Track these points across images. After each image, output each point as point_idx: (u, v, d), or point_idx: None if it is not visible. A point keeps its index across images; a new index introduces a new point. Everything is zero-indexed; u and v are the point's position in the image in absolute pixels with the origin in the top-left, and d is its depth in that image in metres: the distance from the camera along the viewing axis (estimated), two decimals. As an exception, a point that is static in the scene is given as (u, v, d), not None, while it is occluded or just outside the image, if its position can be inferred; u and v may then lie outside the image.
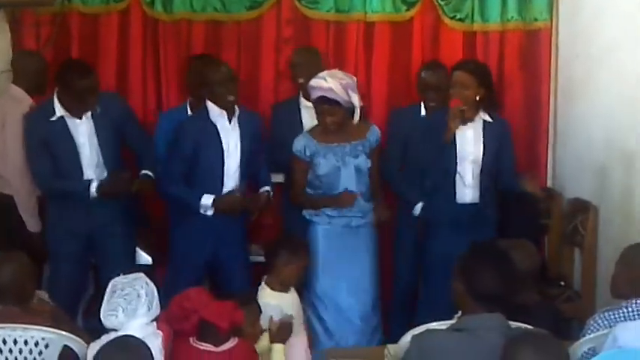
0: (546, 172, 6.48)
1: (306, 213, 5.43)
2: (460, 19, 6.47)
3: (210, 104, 5.38)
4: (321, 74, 5.28)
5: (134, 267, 5.21)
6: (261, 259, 5.42)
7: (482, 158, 5.30)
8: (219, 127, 5.38)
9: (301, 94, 5.88)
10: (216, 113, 5.37)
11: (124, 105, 5.66)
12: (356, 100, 5.28)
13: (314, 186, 5.41)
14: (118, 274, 3.92)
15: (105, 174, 5.33)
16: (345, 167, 5.33)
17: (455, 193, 5.31)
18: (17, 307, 3.97)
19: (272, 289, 4.87)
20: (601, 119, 5.70)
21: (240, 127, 5.41)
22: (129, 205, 5.55)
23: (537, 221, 5.76)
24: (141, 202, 5.89)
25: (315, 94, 5.23)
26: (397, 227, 5.91)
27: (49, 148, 5.26)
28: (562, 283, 5.70)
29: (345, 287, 5.31)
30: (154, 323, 3.84)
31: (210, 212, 5.36)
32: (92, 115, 5.28)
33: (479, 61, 6.01)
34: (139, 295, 3.79)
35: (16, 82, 5.77)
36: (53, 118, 5.23)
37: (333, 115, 5.23)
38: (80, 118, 5.26)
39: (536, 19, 6.44)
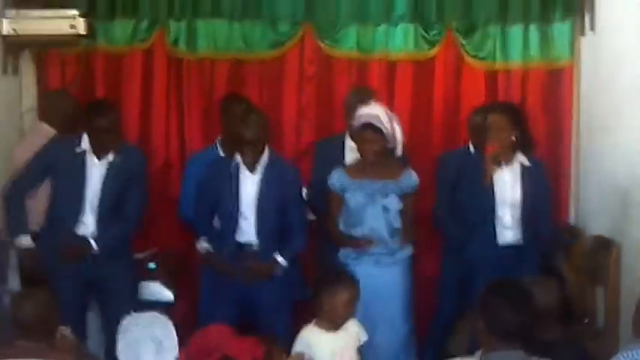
0: (568, 209, 6.48)
1: (340, 255, 5.39)
2: (482, 58, 6.49)
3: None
4: (368, 105, 5.34)
5: (137, 301, 5.27)
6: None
7: (521, 202, 5.38)
8: (240, 174, 5.35)
9: (348, 134, 5.79)
10: (238, 158, 5.35)
11: (141, 164, 5.56)
12: (399, 134, 5.33)
13: (346, 222, 5.40)
14: (123, 310, 3.90)
15: (94, 220, 5.30)
16: (372, 205, 5.31)
17: (495, 234, 5.38)
18: (40, 342, 3.98)
19: (320, 327, 4.59)
20: (623, 157, 5.69)
21: (264, 177, 5.33)
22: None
23: (561, 258, 5.76)
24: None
25: (361, 121, 5.25)
26: (441, 265, 5.95)
27: (57, 176, 5.29)
28: (586, 321, 5.67)
29: (378, 325, 5.20)
30: (175, 361, 3.82)
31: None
32: (111, 162, 5.29)
33: (513, 103, 6.07)
34: (152, 336, 3.73)
35: (47, 121, 5.85)
36: (77, 150, 5.27)
37: (376, 143, 5.24)
38: (100, 159, 5.29)
39: (558, 58, 6.46)
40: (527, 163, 5.46)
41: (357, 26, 6.49)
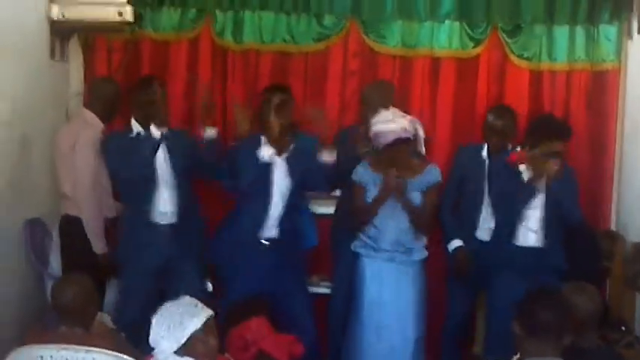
0: (610, 214, 6.43)
1: (353, 245, 5.41)
2: (527, 58, 6.45)
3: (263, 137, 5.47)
4: (381, 119, 5.24)
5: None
6: (323, 290, 5.59)
7: (546, 205, 5.30)
8: (270, 160, 5.46)
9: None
10: (266, 145, 5.46)
11: (192, 140, 5.68)
12: (422, 132, 5.31)
13: None
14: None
15: (176, 197, 5.43)
16: (393, 200, 5.29)
17: (516, 235, 5.31)
18: (79, 328, 4.03)
19: None
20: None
21: (288, 162, 5.48)
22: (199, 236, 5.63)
23: (600, 264, 5.72)
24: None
25: (389, 138, 5.16)
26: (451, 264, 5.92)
27: (127, 162, 5.35)
28: (623, 328, 5.63)
29: (391, 322, 5.23)
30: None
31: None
32: (165, 140, 5.38)
33: None
34: (174, 314, 3.62)
35: (90, 106, 5.86)
36: (132, 135, 5.38)
37: (407, 152, 5.23)
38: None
39: (604, 60, 6.42)
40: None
41: (402, 22, 6.47)
